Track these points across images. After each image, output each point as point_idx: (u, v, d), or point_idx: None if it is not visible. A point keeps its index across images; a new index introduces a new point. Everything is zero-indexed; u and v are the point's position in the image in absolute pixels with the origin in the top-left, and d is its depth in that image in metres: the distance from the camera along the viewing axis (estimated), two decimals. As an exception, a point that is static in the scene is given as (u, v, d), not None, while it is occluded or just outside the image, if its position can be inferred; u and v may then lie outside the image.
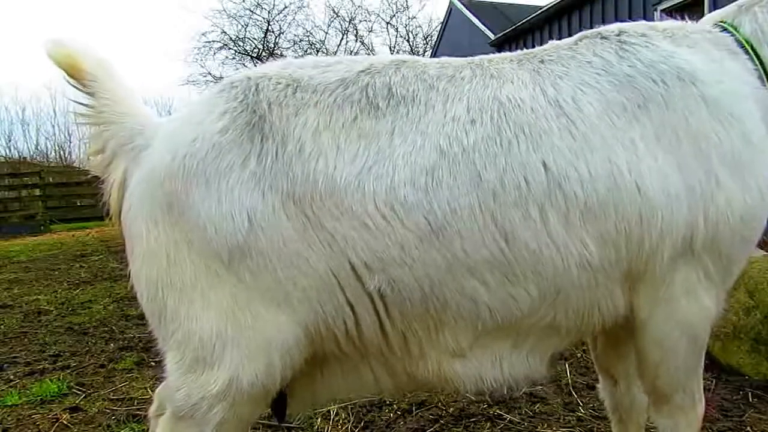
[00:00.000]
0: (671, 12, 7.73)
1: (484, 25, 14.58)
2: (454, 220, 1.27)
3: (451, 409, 2.60)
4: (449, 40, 16.89)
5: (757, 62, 1.49)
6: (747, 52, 1.50)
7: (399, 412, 2.59)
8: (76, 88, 1.43)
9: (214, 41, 23.15)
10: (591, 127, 1.32)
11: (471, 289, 1.31)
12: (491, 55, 1.51)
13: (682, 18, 1.62)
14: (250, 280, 1.26)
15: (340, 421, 2.53)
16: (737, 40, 1.52)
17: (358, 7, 30.17)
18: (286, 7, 23.22)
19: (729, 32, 1.53)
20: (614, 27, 1.51)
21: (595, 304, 1.38)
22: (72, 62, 1.40)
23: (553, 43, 1.53)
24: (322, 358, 1.41)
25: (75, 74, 1.41)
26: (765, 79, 1.48)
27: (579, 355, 3.17)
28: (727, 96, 1.38)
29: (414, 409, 2.61)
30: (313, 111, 1.34)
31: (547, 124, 1.32)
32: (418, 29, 26.47)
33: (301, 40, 23.98)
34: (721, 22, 1.58)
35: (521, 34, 11.70)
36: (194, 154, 1.29)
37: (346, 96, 1.36)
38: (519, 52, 1.53)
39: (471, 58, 1.50)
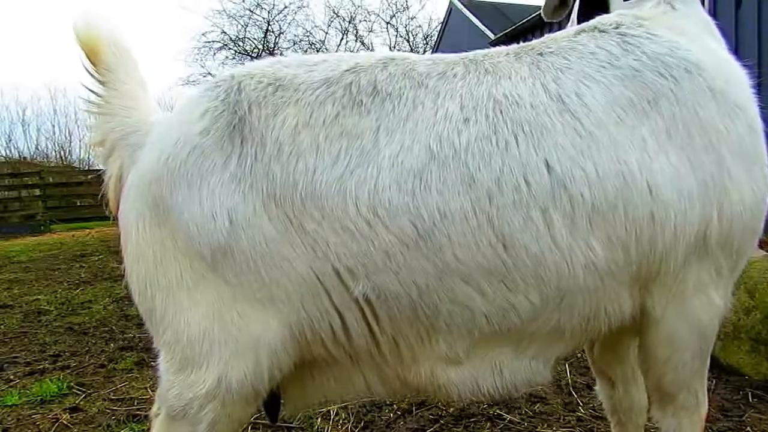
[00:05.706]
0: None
1: (484, 25, 14.55)
2: (443, 225, 1.21)
3: (451, 409, 2.59)
4: (449, 40, 16.87)
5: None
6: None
7: (399, 412, 2.59)
8: (90, 73, 1.41)
9: (214, 41, 23.21)
10: (597, 124, 1.25)
11: (464, 297, 1.26)
12: (487, 50, 1.44)
13: None
14: (234, 280, 1.26)
15: (340, 421, 2.53)
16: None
17: (358, 7, 30.27)
18: (286, 7, 23.28)
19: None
20: (609, 20, 1.44)
21: (601, 306, 1.32)
22: (94, 48, 1.39)
23: (550, 36, 1.44)
24: (311, 362, 1.39)
25: (93, 60, 1.40)
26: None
27: (579, 355, 3.16)
28: (730, 85, 1.33)
29: (414, 409, 2.61)
30: (292, 109, 1.29)
31: (550, 121, 1.25)
32: (418, 29, 26.47)
33: (301, 40, 24.03)
34: None
35: (521, 34, 11.68)
36: (177, 155, 1.28)
37: (329, 93, 1.31)
38: (516, 45, 1.45)
39: (465, 53, 1.43)
